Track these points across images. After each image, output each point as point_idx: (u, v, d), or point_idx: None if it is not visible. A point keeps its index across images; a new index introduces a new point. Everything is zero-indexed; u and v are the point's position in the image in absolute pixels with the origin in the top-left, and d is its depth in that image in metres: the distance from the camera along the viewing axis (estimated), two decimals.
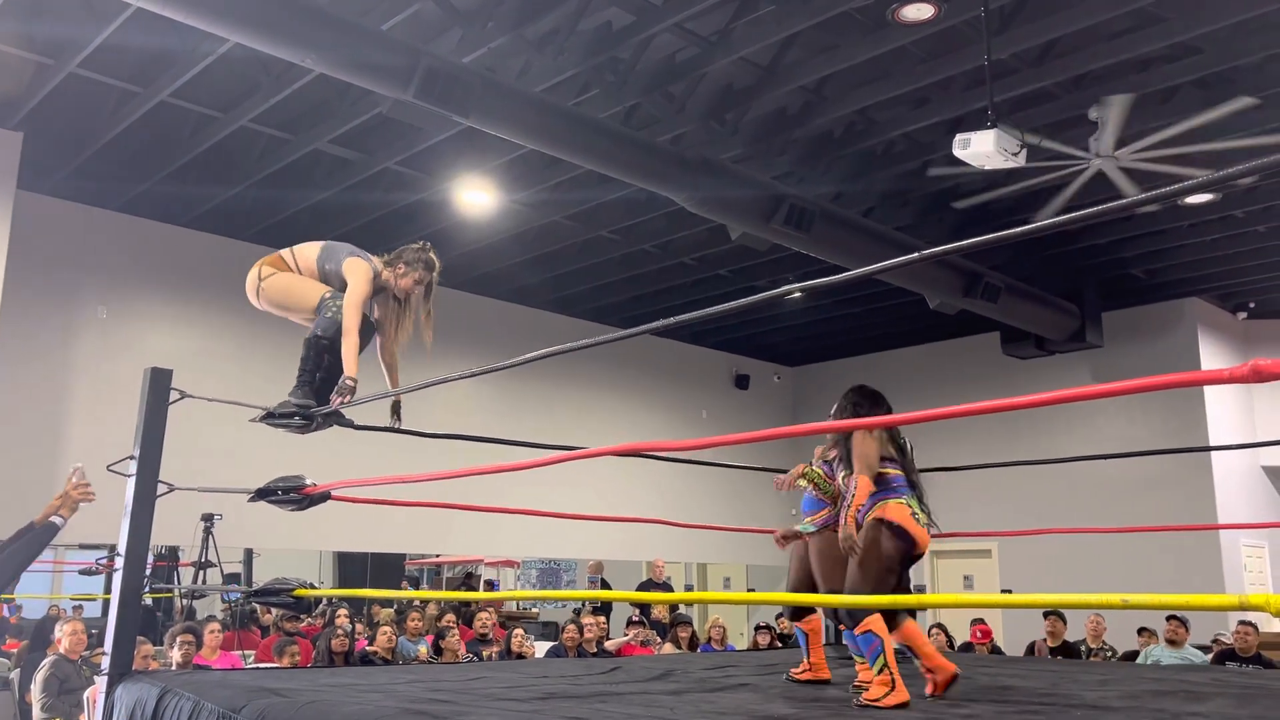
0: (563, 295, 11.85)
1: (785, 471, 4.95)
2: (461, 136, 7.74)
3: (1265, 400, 11.65)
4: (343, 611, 8.76)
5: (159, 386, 4.14)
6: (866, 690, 3.52)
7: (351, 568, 12.49)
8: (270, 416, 4.10)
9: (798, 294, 10.94)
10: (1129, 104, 5.89)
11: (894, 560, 3.75)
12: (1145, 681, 4.65)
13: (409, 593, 9.17)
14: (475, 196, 9.02)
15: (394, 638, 7.65)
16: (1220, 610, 1.89)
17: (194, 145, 8.14)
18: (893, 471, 3.90)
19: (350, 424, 4.29)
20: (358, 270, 4.39)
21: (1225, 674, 5.44)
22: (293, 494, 4.19)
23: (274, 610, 9.09)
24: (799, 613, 4.33)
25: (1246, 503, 11.19)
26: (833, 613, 4.02)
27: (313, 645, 7.72)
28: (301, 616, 8.67)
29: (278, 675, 4.66)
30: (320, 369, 4.22)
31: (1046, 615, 8.53)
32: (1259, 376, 1.82)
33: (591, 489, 11.34)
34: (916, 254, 2.33)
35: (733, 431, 13.60)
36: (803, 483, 4.45)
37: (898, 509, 3.78)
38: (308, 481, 4.26)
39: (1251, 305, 11.90)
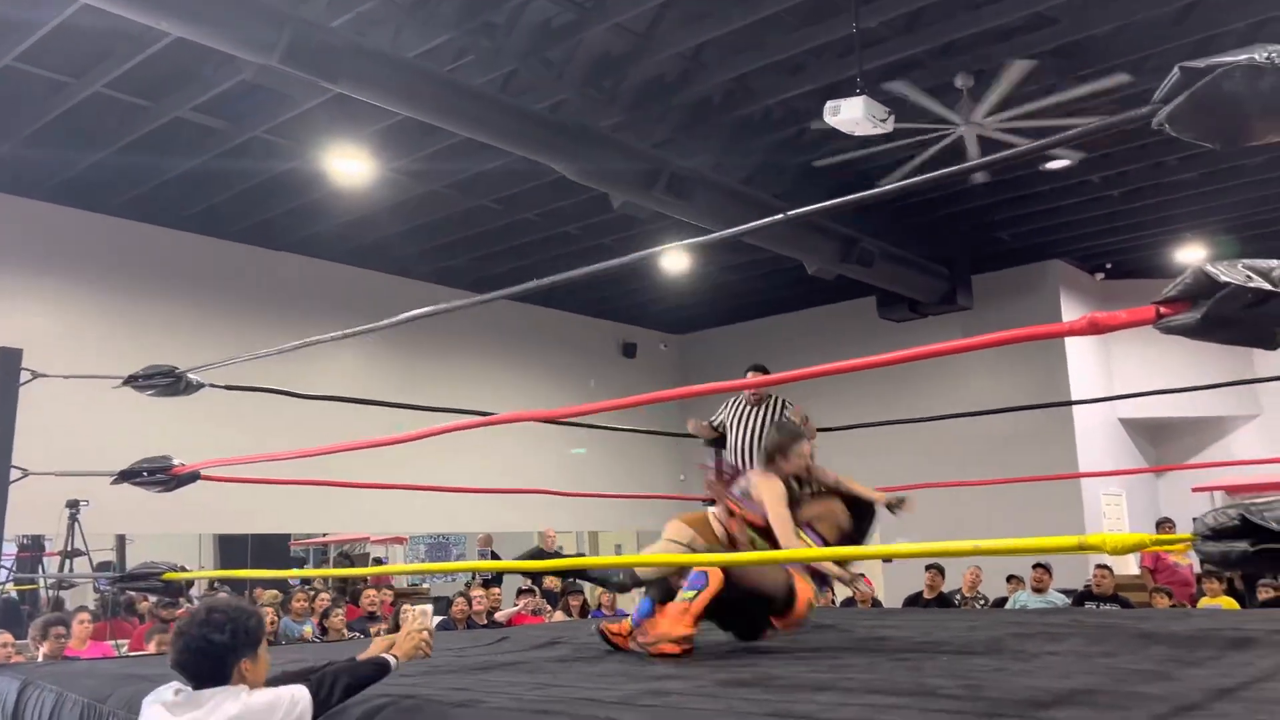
0: (445, 266, 11.67)
1: (674, 435, 5.04)
2: (333, 103, 7.51)
3: (1121, 357, 12.29)
4: (222, 595, 8.51)
5: (8, 366, 3.94)
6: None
7: (233, 551, 12.11)
8: (134, 379, 3.94)
9: (676, 254, 10.95)
10: (1026, 70, 6.07)
11: None
12: (1009, 625, 4.89)
13: (285, 572, 8.87)
14: (350, 165, 8.78)
15: (276, 620, 7.48)
16: (1060, 552, 2.01)
17: (45, 111, 7.70)
18: None
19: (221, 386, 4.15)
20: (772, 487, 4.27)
21: (1082, 614, 5.78)
22: (159, 475, 4.05)
23: (150, 597, 8.78)
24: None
25: (1105, 454, 11.83)
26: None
27: None
28: (178, 601, 8.40)
29: (147, 662, 4.51)
30: None
31: (927, 568, 8.89)
32: (1095, 329, 1.94)
33: (480, 460, 11.26)
34: (781, 215, 2.39)
35: (622, 400, 13.66)
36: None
37: None
38: (175, 461, 4.12)
39: (1108, 266, 12.52)
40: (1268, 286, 1.70)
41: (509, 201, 9.92)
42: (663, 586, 4.09)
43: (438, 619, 8.71)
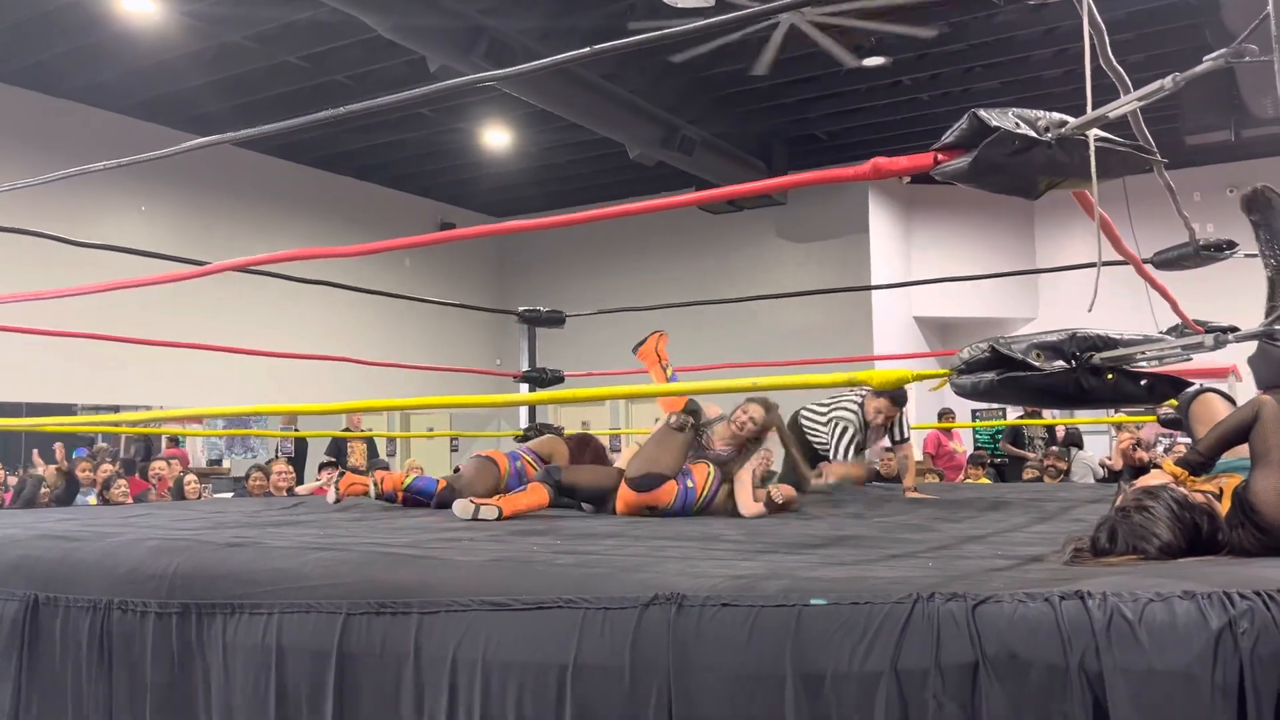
0: (247, 127, 10.93)
1: (492, 310, 4.96)
2: None
3: (920, 261, 12.93)
4: None
5: None
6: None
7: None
8: None
9: (496, 129, 10.54)
10: None
11: None
12: (799, 497, 5.16)
13: (41, 421, 7.92)
14: (138, 4, 8.01)
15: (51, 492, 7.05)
16: (833, 386, 2.10)
17: None
18: None
19: None
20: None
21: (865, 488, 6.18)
22: None
23: None
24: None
25: (900, 348, 12.53)
26: None
27: None
28: None
29: None
30: None
31: None
32: (878, 173, 1.99)
33: (287, 333, 10.87)
34: (588, 49, 2.32)
35: (439, 282, 13.39)
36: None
37: None
38: None
39: None
40: (1033, 134, 1.78)
41: (318, 60, 9.33)
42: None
43: (229, 494, 8.46)
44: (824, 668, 1.59)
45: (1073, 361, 1.80)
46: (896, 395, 5.17)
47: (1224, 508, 2.08)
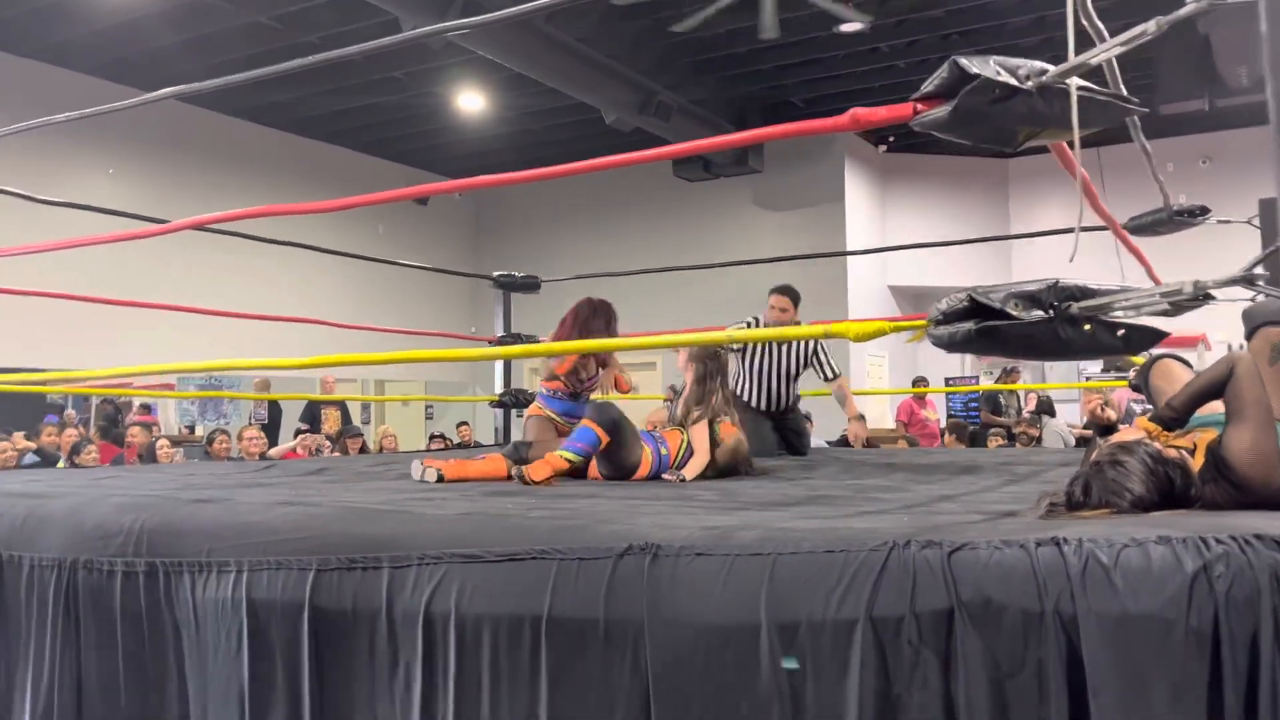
0: (221, 90, 10.74)
1: (466, 275, 4.85)
2: None
3: (894, 229, 12.96)
4: None
5: None
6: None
7: None
8: None
9: (471, 93, 10.43)
10: None
11: None
12: (770, 462, 5.18)
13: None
14: None
15: (15, 457, 6.97)
16: (810, 337, 2.08)
17: None
18: None
19: None
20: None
21: (838, 452, 6.22)
22: None
23: None
24: None
25: (874, 316, 12.57)
26: None
27: None
28: None
29: None
30: None
31: None
32: (857, 124, 1.97)
33: (258, 299, 10.73)
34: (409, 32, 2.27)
35: (413, 249, 13.29)
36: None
37: None
38: None
39: (891, 139, 13.01)
40: (1014, 82, 1.76)
41: (290, 20, 9.16)
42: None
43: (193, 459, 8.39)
44: (799, 616, 1.59)
45: (1050, 311, 1.79)
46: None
47: (1198, 463, 2.09)
